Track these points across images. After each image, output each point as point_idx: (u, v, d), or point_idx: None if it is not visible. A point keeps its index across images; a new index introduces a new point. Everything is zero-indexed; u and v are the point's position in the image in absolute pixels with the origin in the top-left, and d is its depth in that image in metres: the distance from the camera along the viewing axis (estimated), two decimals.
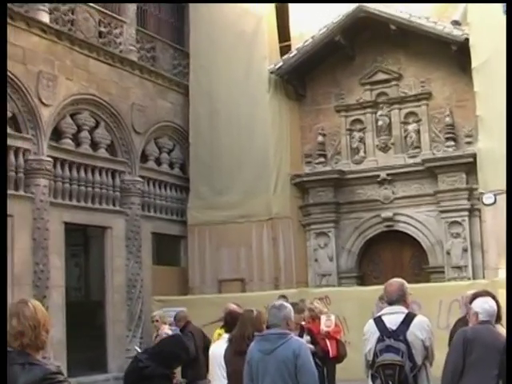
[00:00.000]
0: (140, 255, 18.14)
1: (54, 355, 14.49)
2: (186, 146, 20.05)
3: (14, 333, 4.52)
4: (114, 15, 18.62)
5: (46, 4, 16.38)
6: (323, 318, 11.19)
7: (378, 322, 6.88)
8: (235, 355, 7.79)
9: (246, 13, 19.15)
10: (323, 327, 11.00)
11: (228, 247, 18.73)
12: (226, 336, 8.71)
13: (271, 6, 19.52)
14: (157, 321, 12.92)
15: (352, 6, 18.03)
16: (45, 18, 16.27)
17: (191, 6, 20.15)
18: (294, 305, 8.18)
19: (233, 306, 10.18)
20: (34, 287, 15.30)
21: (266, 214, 18.47)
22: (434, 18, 17.63)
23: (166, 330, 12.19)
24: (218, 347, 8.67)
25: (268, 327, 7.09)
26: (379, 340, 6.72)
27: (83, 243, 18.35)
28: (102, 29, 18.21)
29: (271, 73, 18.93)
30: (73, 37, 17.03)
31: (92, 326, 17.37)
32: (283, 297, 12.65)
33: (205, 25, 19.69)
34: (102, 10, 18.31)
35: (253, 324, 7.82)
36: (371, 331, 6.88)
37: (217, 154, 19.18)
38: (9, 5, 15.36)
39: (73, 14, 17.37)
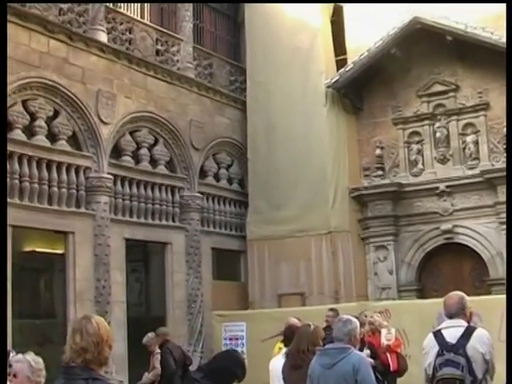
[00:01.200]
0: (200, 270, 18.26)
1: (116, 370, 14.67)
2: (244, 162, 20.15)
3: (78, 349, 4.58)
4: (171, 33, 18.84)
5: (104, 23, 16.67)
6: (383, 331, 11.18)
7: (438, 335, 6.84)
8: (291, 369, 7.83)
9: (302, 27, 19.19)
10: (384, 341, 10.99)
11: (287, 261, 18.74)
12: (284, 350, 8.75)
13: (326, 20, 19.56)
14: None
15: (407, 18, 17.96)
16: (103, 37, 16.54)
17: (247, 22, 20.26)
18: (361, 319, 8.17)
19: (293, 320, 10.21)
20: (95, 303, 15.50)
21: (325, 228, 18.45)
22: (489, 28, 17.49)
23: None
24: (277, 361, 8.71)
25: (332, 341, 7.10)
26: (439, 354, 6.68)
27: (144, 259, 18.55)
28: (159, 47, 18.43)
29: (328, 87, 18.93)
30: (131, 55, 17.28)
31: None
32: (333, 310, 12.70)
33: (261, 40, 19.80)
34: (159, 28, 18.55)
35: (309, 339, 7.84)
36: (431, 345, 6.85)
37: (275, 169, 19.22)
38: (67, 25, 15.69)
39: (130, 33, 17.63)
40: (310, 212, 18.39)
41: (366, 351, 10.18)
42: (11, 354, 6.74)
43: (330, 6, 19.78)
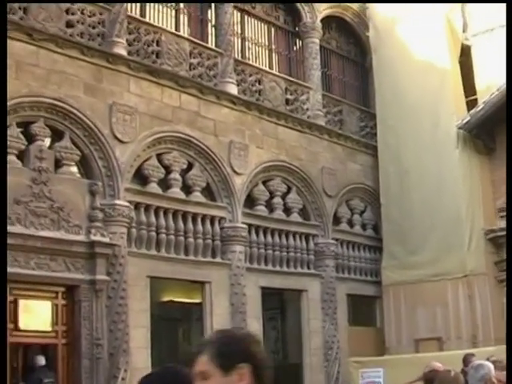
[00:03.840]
0: (336, 317, 18.21)
1: None
2: (377, 207, 20.06)
3: None
4: (300, 82, 19.10)
5: (234, 76, 17.08)
6: None
7: None
8: None
9: (430, 69, 19.06)
10: None
11: (423, 306, 18.46)
12: None
13: (455, 61, 19.38)
14: None
15: None
16: (233, 89, 16.94)
17: (375, 67, 20.32)
18: (494, 362, 7.99)
19: (436, 365, 10.01)
20: None
21: (461, 271, 18.10)
22: None
23: None
24: None
25: None
26: None
27: (280, 307, 18.63)
28: (289, 96, 18.70)
29: (459, 128, 18.70)
30: (261, 106, 17.60)
31: None
32: (472, 355, 12.39)
33: (389, 84, 19.79)
34: (288, 77, 18.85)
35: None
36: None
37: (408, 213, 19.05)
38: (198, 79, 16.15)
39: (260, 83, 17.98)
40: (445, 255, 18.10)
41: None
42: None
43: (457, 46, 19.61)
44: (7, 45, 12.78)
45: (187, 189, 15.90)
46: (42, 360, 13.15)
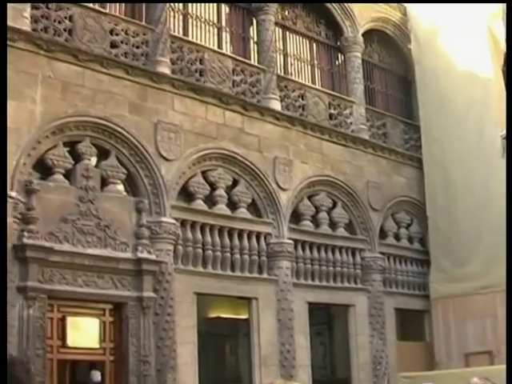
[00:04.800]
0: (384, 331, 18.09)
1: None
2: (423, 220, 19.92)
3: None
4: (343, 96, 19.10)
5: (277, 92, 17.14)
6: None
7: None
8: None
9: (474, 79, 18.94)
10: None
11: (473, 319, 18.25)
12: None
13: (497, 70, 19.22)
14: None
15: None
16: (277, 105, 17.00)
17: (418, 79, 20.28)
18: None
19: (474, 380, 9.89)
20: (281, 367, 15.64)
21: None
22: None
23: None
24: None
25: None
26: None
27: (327, 322, 18.56)
28: (332, 111, 18.70)
29: (504, 138, 18.54)
30: (305, 121, 17.63)
31: None
32: None
33: (433, 96, 19.70)
34: (331, 92, 18.86)
35: None
36: None
37: (455, 225, 18.91)
38: (241, 96, 16.24)
39: (303, 99, 18.00)
40: (493, 267, 17.86)
41: None
42: None
43: (500, 55, 19.45)
44: (52, 64, 13.10)
45: (233, 205, 15.96)
46: (97, 376, 13.26)
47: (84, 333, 13.19)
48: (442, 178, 19.36)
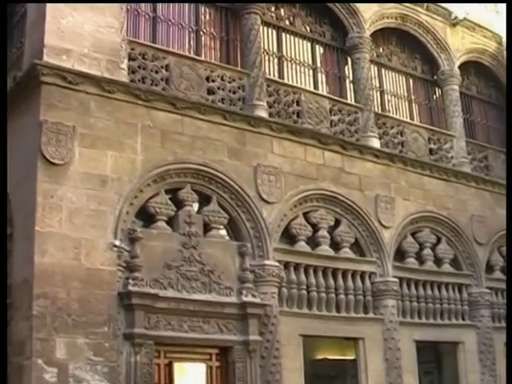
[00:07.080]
0: (495, 368, 17.62)
1: None
2: None
3: None
4: (442, 131, 18.90)
5: (375, 129, 17.10)
6: None
7: None
8: None
9: None
10: None
11: None
12: None
13: None
14: None
15: None
16: (376, 143, 16.93)
17: None
18: None
19: None
20: None
21: None
22: None
23: None
24: None
25: None
26: None
27: (435, 360, 18.19)
28: (432, 145, 18.52)
29: None
30: (405, 158, 17.48)
31: None
32: None
33: None
34: (430, 127, 18.69)
35: None
36: None
37: None
38: (340, 135, 16.26)
39: (402, 135, 17.89)
40: None
41: None
42: None
43: None
44: (151, 114, 13.36)
45: (336, 245, 15.89)
46: None
47: (191, 378, 13.21)
48: None
